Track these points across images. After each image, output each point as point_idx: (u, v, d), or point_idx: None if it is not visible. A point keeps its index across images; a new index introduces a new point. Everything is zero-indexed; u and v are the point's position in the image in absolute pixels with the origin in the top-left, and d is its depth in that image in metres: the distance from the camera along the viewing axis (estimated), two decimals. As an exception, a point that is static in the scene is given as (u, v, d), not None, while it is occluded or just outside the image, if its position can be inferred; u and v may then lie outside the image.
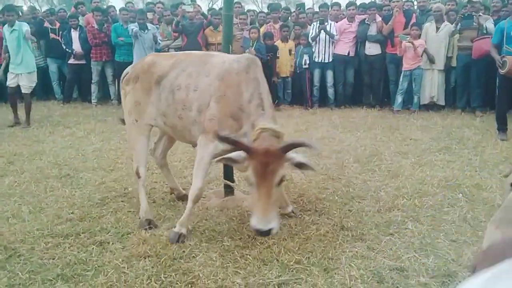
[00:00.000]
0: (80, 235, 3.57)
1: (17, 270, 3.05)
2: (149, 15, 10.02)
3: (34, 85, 8.11)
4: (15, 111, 8.02)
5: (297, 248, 3.32)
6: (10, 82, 7.85)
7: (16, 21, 7.79)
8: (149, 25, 8.51)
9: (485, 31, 7.98)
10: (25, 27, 7.83)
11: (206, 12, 11.33)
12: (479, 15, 8.24)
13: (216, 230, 3.65)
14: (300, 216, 3.94)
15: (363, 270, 3.04)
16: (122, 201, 4.30)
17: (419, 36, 8.60)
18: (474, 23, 8.20)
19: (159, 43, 8.28)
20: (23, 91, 7.92)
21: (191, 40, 9.34)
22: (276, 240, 3.44)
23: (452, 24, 8.61)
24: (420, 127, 7.45)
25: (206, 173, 3.64)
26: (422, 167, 5.31)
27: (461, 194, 4.40)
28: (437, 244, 3.42)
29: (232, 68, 3.43)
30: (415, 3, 10.87)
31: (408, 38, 8.35)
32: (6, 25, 7.84)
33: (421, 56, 8.63)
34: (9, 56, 7.81)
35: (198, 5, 10.99)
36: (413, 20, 8.89)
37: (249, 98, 3.33)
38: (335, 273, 3.01)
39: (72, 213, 4.02)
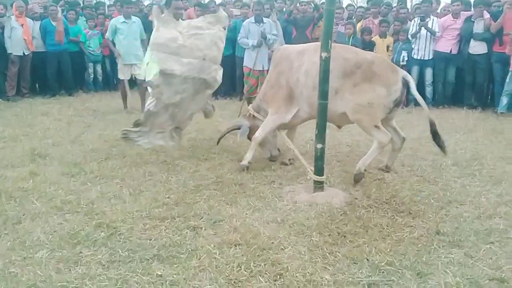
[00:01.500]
0: (175, 219, 3.74)
1: (117, 247, 3.25)
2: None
3: None
4: (126, 101, 8.59)
5: (388, 250, 3.22)
6: (125, 75, 8.39)
7: None
8: (265, 19, 8.50)
9: None
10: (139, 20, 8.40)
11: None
12: None
13: (305, 224, 3.65)
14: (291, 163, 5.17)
15: (459, 278, 2.87)
16: (214, 189, 4.43)
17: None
18: None
19: (269, 39, 8.23)
20: (139, 78, 8.37)
21: (300, 33, 9.33)
22: (367, 240, 3.36)
23: None
24: None
25: None
26: (529, 174, 4.92)
27: None
28: (543, 258, 3.15)
29: None
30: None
31: None
32: (120, 18, 8.36)
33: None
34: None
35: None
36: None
37: None
38: (429, 278, 2.88)
39: (168, 197, 4.22)
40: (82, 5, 11.42)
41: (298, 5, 9.72)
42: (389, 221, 3.73)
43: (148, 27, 9.93)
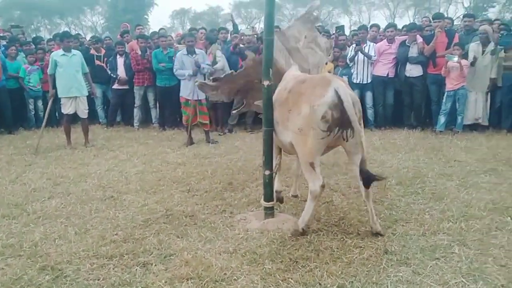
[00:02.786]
0: (124, 256, 3.64)
1: (64, 290, 3.13)
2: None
3: (88, 109, 8.45)
4: (69, 137, 8.34)
5: (340, 272, 3.27)
6: (68, 109, 8.17)
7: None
8: (197, 50, 8.63)
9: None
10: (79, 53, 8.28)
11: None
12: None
13: (257, 252, 3.64)
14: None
15: (409, 296, 2.95)
16: (164, 223, 4.36)
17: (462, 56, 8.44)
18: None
19: (203, 68, 8.39)
20: (82, 116, 8.30)
21: None
22: (318, 264, 3.40)
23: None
24: (464, 148, 7.25)
25: None
26: (467, 189, 5.15)
27: (509, 218, 4.25)
28: (486, 269, 3.29)
29: None
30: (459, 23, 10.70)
31: (455, 59, 8.15)
32: (60, 51, 8.19)
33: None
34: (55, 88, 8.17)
35: (254, 28, 11.11)
36: (456, 40, 8.72)
37: None
38: (380, 298, 2.94)
39: (116, 234, 4.11)
40: (20, 41, 11.12)
41: (242, 36, 9.90)
42: (339, 244, 3.79)
43: (90, 61, 9.87)
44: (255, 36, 10.13)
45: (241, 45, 9.76)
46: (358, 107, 3.77)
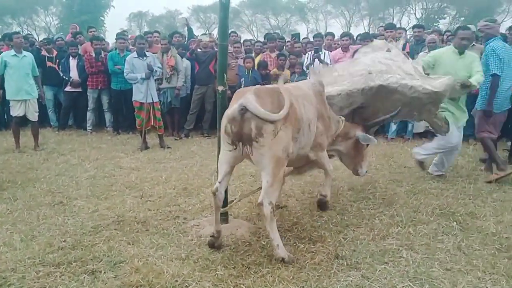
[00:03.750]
0: (71, 264, 3.53)
1: (6, 300, 3.01)
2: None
3: (38, 112, 8.18)
4: (18, 140, 8.03)
5: (291, 277, 3.29)
6: (18, 112, 7.87)
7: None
8: (147, 53, 8.58)
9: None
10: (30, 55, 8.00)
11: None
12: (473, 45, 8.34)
13: (209, 259, 3.62)
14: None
15: (358, 300, 3.01)
16: (115, 229, 4.26)
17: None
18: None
19: (156, 71, 8.32)
20: (32, 119, 8.03)
21: (204, 68, 9.42)
22: (270, 269, 3.41)
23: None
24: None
25: None
26: (416, 195, 5.32)
27: (455, 223, 4.40)
28: (432, 273, 3.40)
29: (318, 91, 4.37)
30: (408, 33, 11.06)
31: None
32: (11, 52, 7.90)
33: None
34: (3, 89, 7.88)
35: (212, 34, 11.10)
36: (407, 50, 9.01)
37: (328, 107, 4.48)
38: (330, 303, 2.98)
39: (64, 241, 3.98)
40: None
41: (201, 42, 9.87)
42: (292, 249, 3.82)
43: (41, 62, 9.57)
44: (215, 42, 10.14)
45: (198, 50, 9.72)
46: (255, 123, 3.40)
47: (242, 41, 11.22)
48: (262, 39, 12.43)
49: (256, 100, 3.45)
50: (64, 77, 9.94)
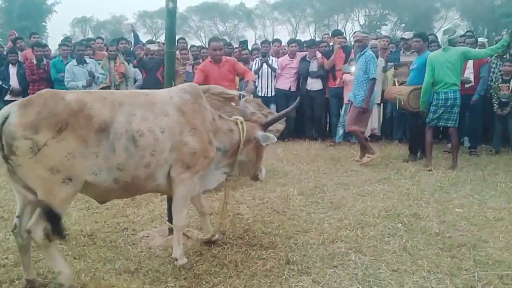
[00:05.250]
0: (14, 282, 3.36)
1: None
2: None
3: None
4: None
5: (243, 285, 3.29)
6: None
7: None
8: (88, 59, 8.37)
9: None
10: None
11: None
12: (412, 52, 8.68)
13: (160, 270, 3.55)
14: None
15: (309, 305, 3.04)
16: (60, 244, 4.07)
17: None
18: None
19: (98, 78, 8.12)
20: None
21: (151, 76, 9.27)
22: (222, 279, 3.40)
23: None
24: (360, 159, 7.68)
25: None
26: (363, 197, 5.47)
27: (400, 224, 4.55)
28: (380, 275, 3.49)
29: (185, 99, 3.53)
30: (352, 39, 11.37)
31: (352, 69, 8.57)
32: None
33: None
34: None
35: (163, 44, 10.92)
36: (352, 56, 9.28)
37: (211, 117, 3.66)
38: (282, 309, 3.00)
39: (6, 258, 3.78)
40: None
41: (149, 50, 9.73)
42: (243, 256, 3.81)
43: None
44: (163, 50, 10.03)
45: (144, 57, 9.58)
46: (5, 139, 2.86)
47: (189, 47, 11.15)
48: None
49: (18, 111, 2.88)
50: (3, 85, 9.50)
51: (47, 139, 2.83)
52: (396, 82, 8.24)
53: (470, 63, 8.14)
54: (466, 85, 8.01)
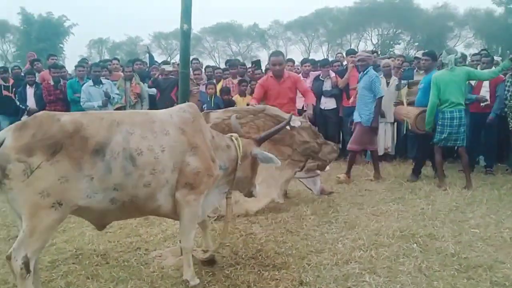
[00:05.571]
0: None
1: None
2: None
3: None
4: None
5: (255, 307, 3.26)
6: None
7: None
8: (104, 80, 8.51)
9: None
10: None
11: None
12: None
13: (172, 290, 3.55)
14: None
15: (322, 327, 3.00)
16: (73, 263, 4.13)
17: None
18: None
19: (113, 98, 8.25)
20: None
21: (165, 96, 9.39)
22: (234, 299, 3.37)
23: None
24: (374, 178, 7.63)
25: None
26: (377, 217, 5.41)
27: (415, 244, 4.48)
28: (394, 296, 3.44)
29: (185, 118, 3.52)
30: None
31: None
32: None
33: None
34: None
35: (177, 64, 11.12)
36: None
37: (210, 135, 3.67)
38: (294, 331, 2.96)
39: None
40: None
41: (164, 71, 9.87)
42: (256, 277, 3.78)
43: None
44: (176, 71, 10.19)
45: (159, 77, 9.72)
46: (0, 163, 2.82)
47: (204, 68, 11.28)
48: (223, 65, 12.55)
49: (13, 134, 2.89)
50: (21, 106, 9.70)
51: (40, 161, 2.80)
52: (404, 102, 8.21)
53: (486, 82, 8.09)
54: (481, 104, 7.98)
